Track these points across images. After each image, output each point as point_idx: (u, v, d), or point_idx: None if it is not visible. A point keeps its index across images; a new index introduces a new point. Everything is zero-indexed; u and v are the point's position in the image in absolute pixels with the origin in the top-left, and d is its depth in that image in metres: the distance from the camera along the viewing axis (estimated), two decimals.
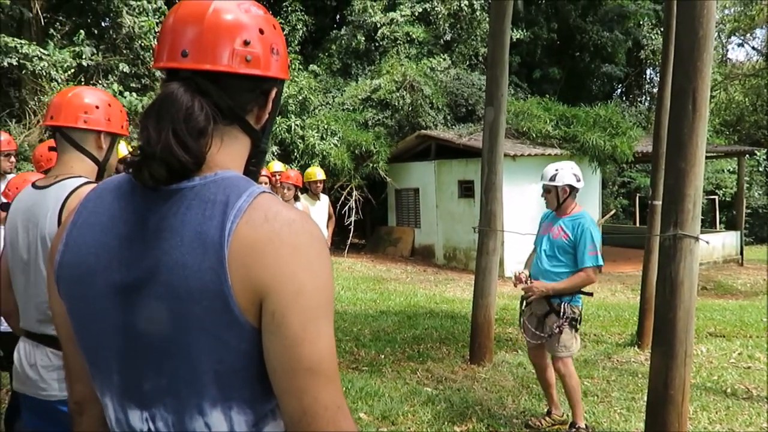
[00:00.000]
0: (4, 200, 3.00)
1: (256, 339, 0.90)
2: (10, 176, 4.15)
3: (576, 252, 4.06)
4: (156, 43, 1.10)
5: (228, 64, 0.97)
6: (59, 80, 12.52)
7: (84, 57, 13.07)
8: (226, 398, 0.93)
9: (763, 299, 11.68)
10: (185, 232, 0.91)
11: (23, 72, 12.50)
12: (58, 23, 13.82)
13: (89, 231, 0.99)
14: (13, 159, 4.73)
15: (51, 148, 2.26)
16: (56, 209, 1.89)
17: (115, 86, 12.56)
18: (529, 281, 4.17)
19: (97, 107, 2.02)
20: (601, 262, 4.07)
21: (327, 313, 0.91)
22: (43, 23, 13.87)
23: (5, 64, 11.96)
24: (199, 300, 0.88)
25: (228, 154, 1.01)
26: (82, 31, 13.41)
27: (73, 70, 13.01)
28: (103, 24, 14.90)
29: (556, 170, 4.16)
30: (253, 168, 1.08)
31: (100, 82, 13.55)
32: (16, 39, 12.05)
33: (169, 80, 0.99)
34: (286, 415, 0.90)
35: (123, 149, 3.57)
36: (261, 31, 1.01)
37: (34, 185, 2.02)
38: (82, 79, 13.37)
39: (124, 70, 13.23)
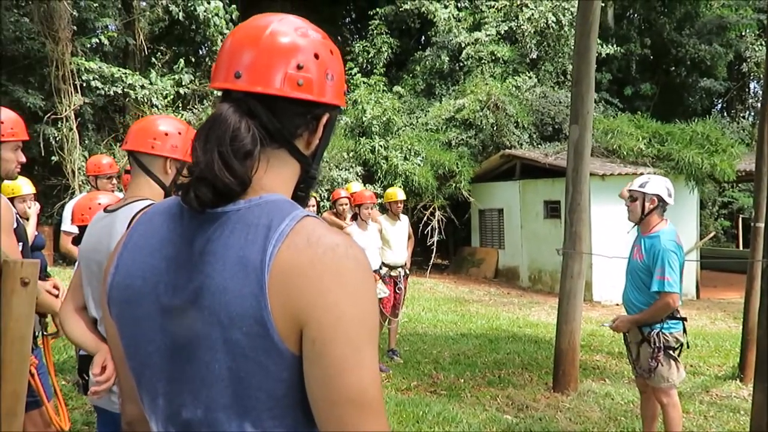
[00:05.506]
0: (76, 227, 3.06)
1: (296, 367, 0.88)
2: None
3: (652, 276, 3.75)
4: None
5: (279, 88, 0.97)
6: (159, 106, 13.37)
7: (183, 84, 13.89)
8: (268, 426, 0.91)
9: None
10: (228, 256, 0.90)
11: (127, 99, 13.44)
12: (159, 53, 14.80)
13: (139, 253, 1.01)
14: (114, 181, 4.99)
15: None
16: (123, 231, 1.97)
17: (210, 110, 13.23)
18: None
19: (166, 134, 2.13)
20: (669, 288, 3.65)
21: (370, 342, 0.89)
22: (146, 53, 14.89)
23: (112, 92, 12.91)
24: (239, 326, 0.87)
25: (275, 177, 1.00)
26: (182, 59, 14.27)
27: (172, 97, 13.85)
28: (200, 52, 15.81)
29: (648, 179, 3.94)
30: (301, 193, 1.07)
31: (196, 107, 14.34)
32: (121, 69, 13.01)
33: (222, 101, 1.00)
34: None
35: None
36: (316, 56, 1.00)
37: (105, 210, 2.14)
38: (180, 105, 14.20)
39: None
